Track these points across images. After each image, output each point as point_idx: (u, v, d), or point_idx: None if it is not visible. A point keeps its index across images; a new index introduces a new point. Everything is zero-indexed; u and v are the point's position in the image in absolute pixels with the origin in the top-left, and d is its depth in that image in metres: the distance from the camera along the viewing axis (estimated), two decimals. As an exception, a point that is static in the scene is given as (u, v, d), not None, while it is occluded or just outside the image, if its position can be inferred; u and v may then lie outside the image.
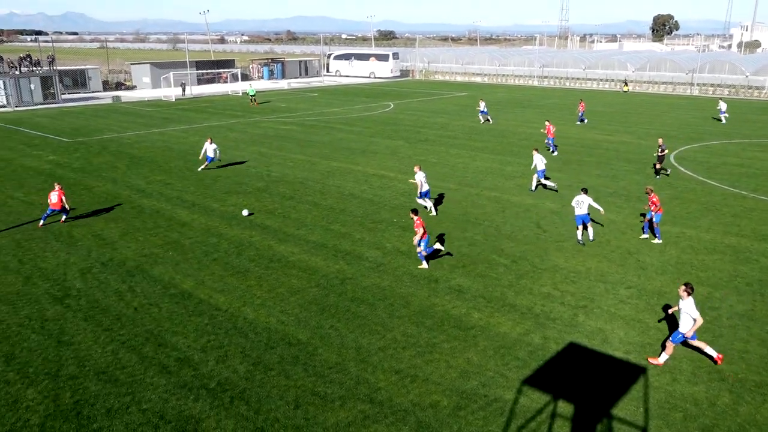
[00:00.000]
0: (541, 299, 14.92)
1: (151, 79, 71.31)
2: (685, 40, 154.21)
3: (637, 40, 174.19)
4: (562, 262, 17.26)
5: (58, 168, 29.05)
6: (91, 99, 59.98)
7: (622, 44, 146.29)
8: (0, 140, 36.39)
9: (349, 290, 15.34)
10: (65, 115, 47.54)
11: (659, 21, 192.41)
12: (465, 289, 15.42)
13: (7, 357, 12.20)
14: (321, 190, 24.95)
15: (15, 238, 19.11)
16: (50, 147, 34.30)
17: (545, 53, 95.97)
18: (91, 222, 20.79)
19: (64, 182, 26.14)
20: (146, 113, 49.12)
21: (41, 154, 32.26)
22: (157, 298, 14.85)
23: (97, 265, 16.88)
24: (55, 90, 54.75)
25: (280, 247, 18.32)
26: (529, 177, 27.26)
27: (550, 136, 32.98)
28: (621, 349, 12.68)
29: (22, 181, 26.49)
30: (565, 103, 58.83)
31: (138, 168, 28.96)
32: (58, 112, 49.35)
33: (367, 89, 72.79)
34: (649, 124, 44.11)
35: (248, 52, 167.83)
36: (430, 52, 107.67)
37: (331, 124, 43.65)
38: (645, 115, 49.06)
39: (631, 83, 76.20)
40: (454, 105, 56.51)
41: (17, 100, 52.21)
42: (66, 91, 61.95)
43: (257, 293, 15.12)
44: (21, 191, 24.73)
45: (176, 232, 19.76)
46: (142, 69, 72.91)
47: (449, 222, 20.88)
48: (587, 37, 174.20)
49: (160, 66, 72.87)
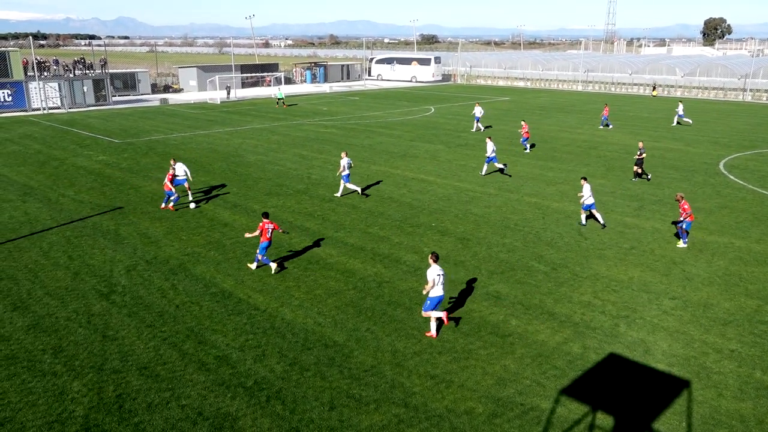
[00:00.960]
0: (581, 308, 14.63)
1: (197, 82, 72.96)
2: (737, 45, 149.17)
3: (687, 44, 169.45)
4: (604, 271, 16.91)
5: (107, 168, 29.99)
6: (140, 101, 61.76)
7: (671, 48, 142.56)
8: (53, 140, 37.81)
9: (386, 293, 15.35)
10: (115, 117, 49.08)
11: (710, 25, 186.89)
12: (503, 296, 15.25)
13: (55, 349, 12.64)
14: (359, 194, 25.05)
15: (65, 235, 19.80)
16: (100, 147, 35.45)
17: (590, 57, 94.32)
18: (137, 221, 21.38)
19: (113, 180, 26.99)
20: (192, 115, 50.29)
21: (92, 154, 33.36)
22: (198, 296, 15.16)
23: (142, 263, 17.34)
24: (106, 92, 56.56)
25: (318, 249, 18.46)
26: (570, 183, 26.83)
27: (524, 136, 34.09)
28: (664, 361, 12.33)
29: (73, 180, 27.45)
30: (610, 109, 57.64)
31: (183, 169, 29.62)
32: (108, 114, 50.99)
33: (408, 93, 72.85)
34: (697, 131, 42.85)
35: (292, 56, 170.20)
36: (473, 56, 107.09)
37: (372, 127, 43.83)
38: (694, 122, 47.66)
39: (680, 88, 74.18)
40: (496, 110, 56.03)
41: (71, 101, 54.16)
42: (116, 93, 63.93)
43: (295, 294, 15.28)
44: (72, 190, 25.62)
45: (218, 232, 20.14)
46: (189, 72, 74.66)
47: (488, 227, 20.70)
48: (634, 42, 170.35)
49: (206, 69, 74.52)
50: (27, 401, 10.93)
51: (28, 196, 24.49)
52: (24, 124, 45.15)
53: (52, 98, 53.34)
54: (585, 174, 28.74)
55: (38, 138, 38.68)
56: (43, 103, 52.56)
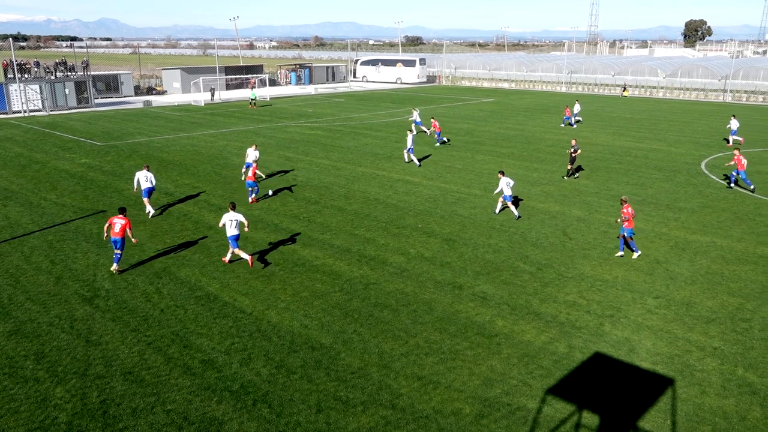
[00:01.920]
0: (567, 308, 14.73)
1: (181, 84, 72.46)
2: (718, 46, 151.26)
3: (669, 45, 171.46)
4: (589, 271, 17.03)
5: (89, 171, 29.66)
6: (123, 103, 61.20)
7: (653, 50, 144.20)
8: (35, 143, 37.33)
9: (372, 295, 15.34)
10: (98, 119, 48.58)
11: (691, 26, 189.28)
12: (489, 296, 15.30)
13: (37, 355, 12.47)
14: (346, 195, 25.05)
15: (47, 239, 19.55)
16: (83, 150, 35.06)
17: (574, 59, 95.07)
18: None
19: (96, 183, 26.71)
20: (176, 117, 49.94)
21: (74, 157, 32.99)
22: (183, 300, 15.04)
23: (126, 267, 17.15)
24: (88, 94, 55.97)
25: (304, 252, 18.41)
26: (555, 183, 27.02)
27: (437, 131, 37.03)
28: (648, 360, 12.45)
29: (55, 183, 27.12)
30: (593, 109, 58.13)
31: (167, 171, 29.42)
32: (91, 116, 50.46)
33: (394, 95, 72.92)
34: (680, 132, 43.34)
35: (276, 58, 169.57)
36: (457, 58, 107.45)
37: (357, 129, 43.81)
38: (676, 123, 48.23)
39: (662, 89, 74.99)
40: (481, 111, 56.26)
41: (52, 104, 53.52)
42: (99, 95, 63.29)
43: (281, 297, 15.22)
44: (54, 193, 25.31)
45: (203, 234, 20.00)
46: (173, 74, 74.15)
47: (474, 228, 20.77)
48: (617, 43, 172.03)
49: (190, 71, 74.02)
50: (9, 408, 10.76)
51: (8, 200, 24.16)
52: (4, 127, 44.54)
53: (33, 101, 52.68)
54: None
55: (19, 141, 38.18)
56: (23, 106, 51.90)
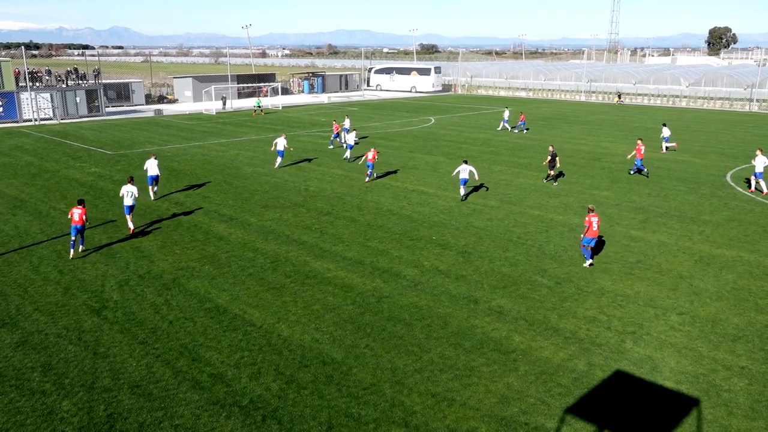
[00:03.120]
0: (586, 323, 14.58)
1: (192, 92, 73.24)
2: (743, 54, 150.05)
3: (692, 53, 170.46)
4: (609, 285, 16.87)
5: (99, 180, 29.99)
6: (133, 112, 61.95)
7: (675, 58, 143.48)
8: (45, 152, 37.86)
9: (385, 309, 15.30)
10: (108, 128, 49.19)
11: (715, 34, 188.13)
12: (506, 311, 15.20)
13: (44, 367, 12.55)
14: (359, 206, 25.08)
15: (56, 249, 19.75)
16: (93, 159, 35.49)
17: (593, 67, 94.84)
18: (130, 233, 21.33)
19: (105, 193, 26.98)
20: (187, 126, 50.42)
21: (84, 166, 33.39)
22: (192, 312, 15.10)
23: (135, 278, 17.28)
24: (99, 103, 56.74)
25: (316, 263, 18.44)
26: (574, 195, 26.89)
27: (521, 120, 41.78)
28: (672, 378, 12.26)
29: (65, 192, 27.44)
30: (614, 119, 57.89)
31: (177, 181, 29.67)
32: (101, 125, 51.10)
33: (408, 104, 73.13)
34: (704, 142, 42.98)
35: (289, 66, 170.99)
36: (473, 66, 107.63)
37: (371, 138, 43.91)
38: (700, 133, 47.84)
39: (685, 99, 74.46)
40: (498, 120, 56.21)
41: (63, 112, 54.31)
42: (110, 104, 64.13)
43: (292, 310, 15.22)
44: (64, 203, 25.60)
45: (213, 245, 20.11)
46: (184, 83, 74.99)
47: (490, 241, 20.68)
48: (638, 51, 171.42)
49: (201, 80, 74.83)
50: (15, 421, 10.83)
51: (18, 209, 24.47)
52: (15, 135, 45.24)
53: (44, 109, 53.50)
54: (590, 185, 28.84)
55: (29, 150, 38.74)
56: (34, 114, 52.71)
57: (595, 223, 18.09)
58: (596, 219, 18.18)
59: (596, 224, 18.11)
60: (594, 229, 18.06)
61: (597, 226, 18.12)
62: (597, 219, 18.22)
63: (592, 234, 18.08)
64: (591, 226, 18.05)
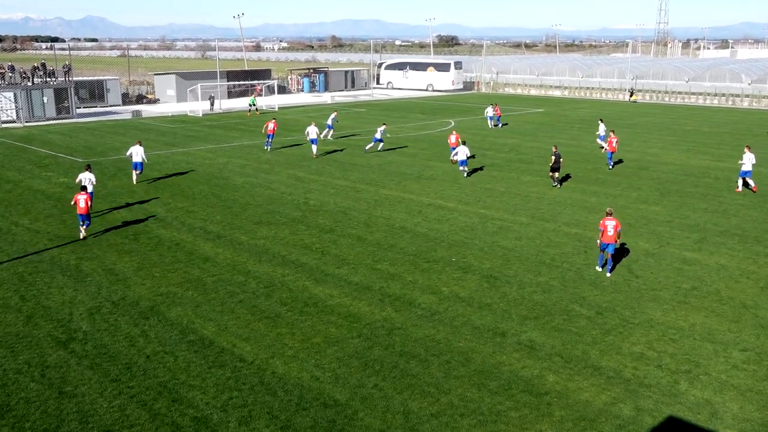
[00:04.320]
0: (633, 361, 14.45)
1: (176, 91, 73.99)
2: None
3: (755, 46, 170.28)
4: (660, 316, 16.73)
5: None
6: (108, 113, 62.63)
7: (735, 51, 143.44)
8: (7, 159, 38.29)
9: (397, 342, 15.24)
10: (80, 132, 49.73)
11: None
12: (538, 346, 15.10)
13: (2, 408, 12.58)
14: (367, 222, 25.12)
15: (18, 271, 19.90)
16: (62, 168, 35.84)
17: (639, 62, 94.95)
18: (102, 254, 21.46)
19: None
20: (169, 130, 50.87)
21: (51, 176, 33.72)
22: (173, 344, 15.12)
23: (107, 305, 17.35)
24: (69, 103, 57.41)
25: (316, 289, 18.43)
26: (618, 210, 26.81)
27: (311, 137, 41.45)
28: (735, 426, 12.10)
29: (29, 206, 27.69)
30: (663, 122, 57.79)
31: (157, 193, 29.88)
32: (72, 128, 51.68)
33: (424, 104, 73.43)
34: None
35: (287, 61, 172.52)
36: (500, 61, 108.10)
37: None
38: (764, 137, 47.59)
39: (747, 98, 74.25)
40: (528, 123, 56.28)
41: (28, 114, 54.96)
42: (82, 104, 64.85)
43: (289, 343, 15.21)
44: (27, 218, 25.83)
45: (198, 268, 20.17)
46: (167, 80, 75.79)
47: (519, 263, 20.61)
48: (692, 43, 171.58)
49: (186, 77, 75.61)
50: (-33, 471, 10.83)
51: (-25, 225, 24.69)
52: (-27, 140, 45.78)
53: (7, 110, 54.19)
54: (637, 198, 28.74)
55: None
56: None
57: (610, 228, 19.04)
58: (613, 223, 19.09)
59: (612, 229, 19.03)
60: (609, 234, 19.03)
61: (614, 231, 19.04)
62: (614, 223, 19.11)
63: (606, 239, 19.11)
64: (605, 231, 19.06)
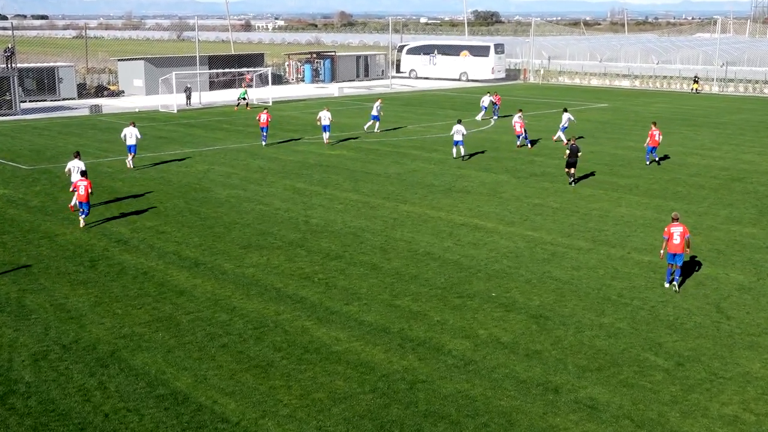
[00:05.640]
0: (724, 426, 14.29)
1: (145, 81, 74.58)
2: None
3: None
4: (758, 369, 16.54)
5: (9, 207, 30.52)
6: (61, 109, 63.21)
7: None
8: (-66, 166, 38.71)
9: (421, 400, 15.18)
10: (24, 132, 50.24)
11: None
12: (601, 405, 14.98)
13: (-77, 479, 12.65)
14: (383, 247, 25.12)
15: (-55, 305, 20.05)
16: (1, 177, 36.17)
17: (731, 44, 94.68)
18: (51, 285, 21.57)
19: (17, 225, 27.45)
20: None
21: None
22: (138, 400, 15.13)
23: (56, 349, 17.41)
24: (12, 96, 58.00)
25: (319, 331, 18.42)
26: (704, 233, 26.61)
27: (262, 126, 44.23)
28: None
29: (-40, 224, 27.94)
30: (762, 120, 57.45)
31: (121, 209, 30.04)
32: (14, 128, 52.21)
33: (456, 97, 73.55)
34: None
35: (284, 44, 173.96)
36: (552, 43, 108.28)
37: (401, 148, 44.19)
38: None
39: None
40: (589, 121, 56.15)
41: (-40, 110, 55.64)
42: (27, 97, 65.50)
43: (284, 399, 15.18)
44: (-42, 239, 26.06)
45: (170, 303, 20.23)
46: (134, 67, 76.47)
47: (577, 300, 20.49)
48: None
49: (158, 63, 76.12)
50: None
51: None
52: None
53: (-65, 105, 54.86)
54: (728, 217, 28.48)
55: None
56: None
57: (676, 235, 20.58)
58: (680, 230, 20.68)
59: (679, 236, 20.57)
60: (675, 242, 20.56)
61: (681, 239, 20.57)
62: (681, 230, 20.68)
63: (673, 248, 20.66)
64: (671, 238, 20.64)
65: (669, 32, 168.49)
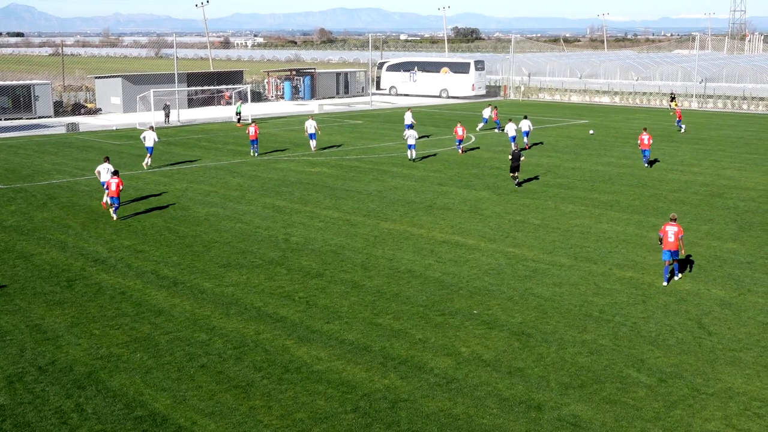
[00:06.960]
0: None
1: (122, 99, 74.47)
2: None
3: None
4: (740, 384, 16.65)
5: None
6: (37, 127, 62.94)
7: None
8: None
9: (403, 419, 15.16)
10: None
11: None
12: (584, 423, 15.02)
13: None
14: (364, 265, 25.14)
15: None
16: (-24, 196, 35.91)
17: (709, 60, 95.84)
18: (26, 306, 21.43)
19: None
20: (114, 148, 51.06)
21: (-37, 207, 33.78)
22: (115, 422, 15.03)
23: (32, 371, 17.28)
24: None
25: (300, 350, 18.38)
26: (685, 248, 26.84)
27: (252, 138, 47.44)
28: None
29: (-67, 244, 27.72)
30: (741, 136, 58.06)
31: (98, 228, 29.94)
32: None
33: (437, 114, 73.84)
34: None
35: (263, 61, 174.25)
36: (532, 60, 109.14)
37: (382, 165, 44.29)
38: None
39: None
40: (568, 138, 56.53)
41: (-65, 128, 55.29)
42: (2, 115, 65.32)
43: (264, 420, 15.13)
44: (-69, 259, 25.84)
45: (148, 323, 20.13)
46: (111, 85, 76.31)
47: (559, 316, 20.56)
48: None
49: (136, 80, 76.13)
50: None
51: None
52: None
53: None
54: (708, 233, 28.69)
55: None
56: None
57: (671, 234, 22.10)
58: (674, 229, 22.17)
59: (673, 236, 22.07)
60: (670, 240, 22.07)
61: (675, 238, 22.05)
62: (676, 230, 22.17)
63: (667, 246, 22.19)
64: (665, 237, 22.14)
65: (648, 49, 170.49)
